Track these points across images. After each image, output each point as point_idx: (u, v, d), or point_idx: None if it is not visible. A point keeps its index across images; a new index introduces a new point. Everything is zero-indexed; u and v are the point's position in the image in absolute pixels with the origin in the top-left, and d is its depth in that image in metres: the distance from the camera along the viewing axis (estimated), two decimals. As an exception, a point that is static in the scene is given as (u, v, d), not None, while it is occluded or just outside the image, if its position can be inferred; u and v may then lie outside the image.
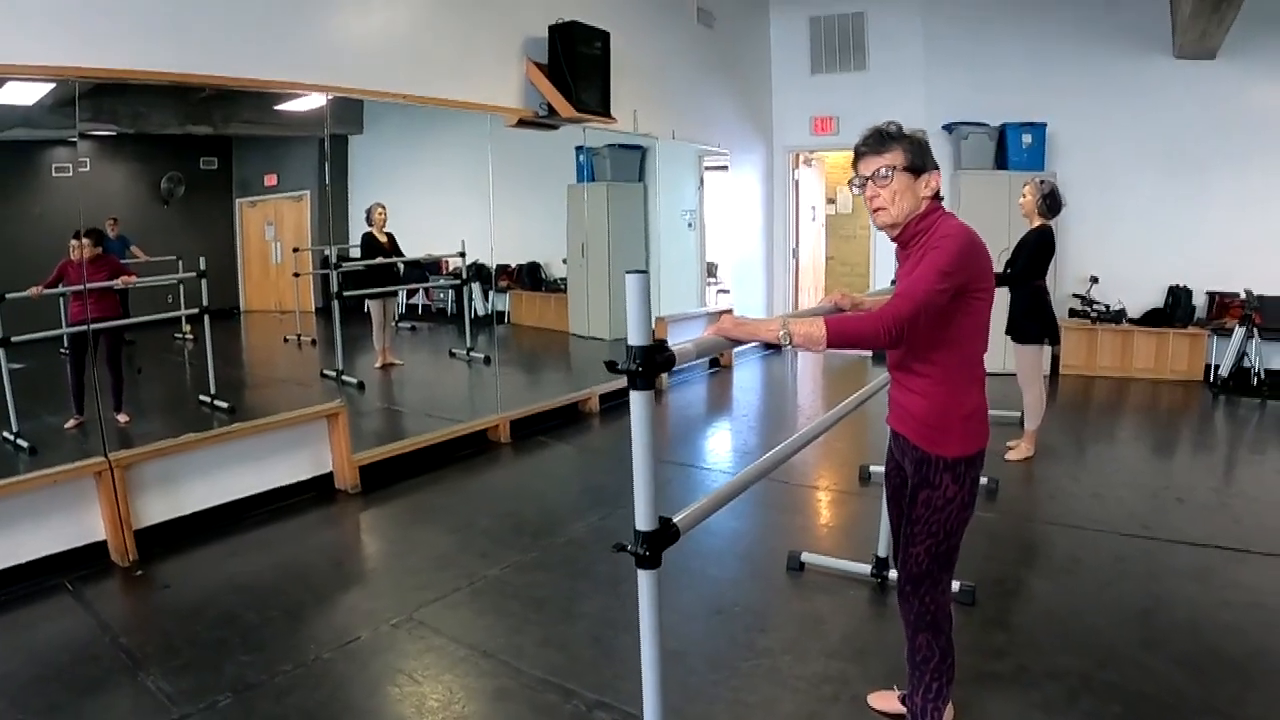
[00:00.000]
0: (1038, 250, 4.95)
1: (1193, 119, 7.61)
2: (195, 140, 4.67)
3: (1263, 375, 7.14)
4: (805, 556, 3.61)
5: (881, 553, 3.37)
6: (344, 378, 5.45)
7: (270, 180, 5.36)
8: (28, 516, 3.41)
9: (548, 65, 5.65)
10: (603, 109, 5.88)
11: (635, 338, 1.55)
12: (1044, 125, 7.79)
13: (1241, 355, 7.23)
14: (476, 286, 6.83)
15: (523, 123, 5.66)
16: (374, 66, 4.71)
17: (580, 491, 4.94)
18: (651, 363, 1.55)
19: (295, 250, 5.47)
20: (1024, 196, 5.05)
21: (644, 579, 1.65)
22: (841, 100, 8.86)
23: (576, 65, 5.58)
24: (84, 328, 3.85)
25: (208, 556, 3.78)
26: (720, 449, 5.90)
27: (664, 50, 7.22)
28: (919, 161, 2.06)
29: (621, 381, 5.83)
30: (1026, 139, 7.74)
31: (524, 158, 6.53)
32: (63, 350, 4.11)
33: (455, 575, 3.58)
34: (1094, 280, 7.78)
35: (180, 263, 4.52)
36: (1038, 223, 4.98)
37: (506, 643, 3.01)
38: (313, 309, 5.56)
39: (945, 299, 1.93)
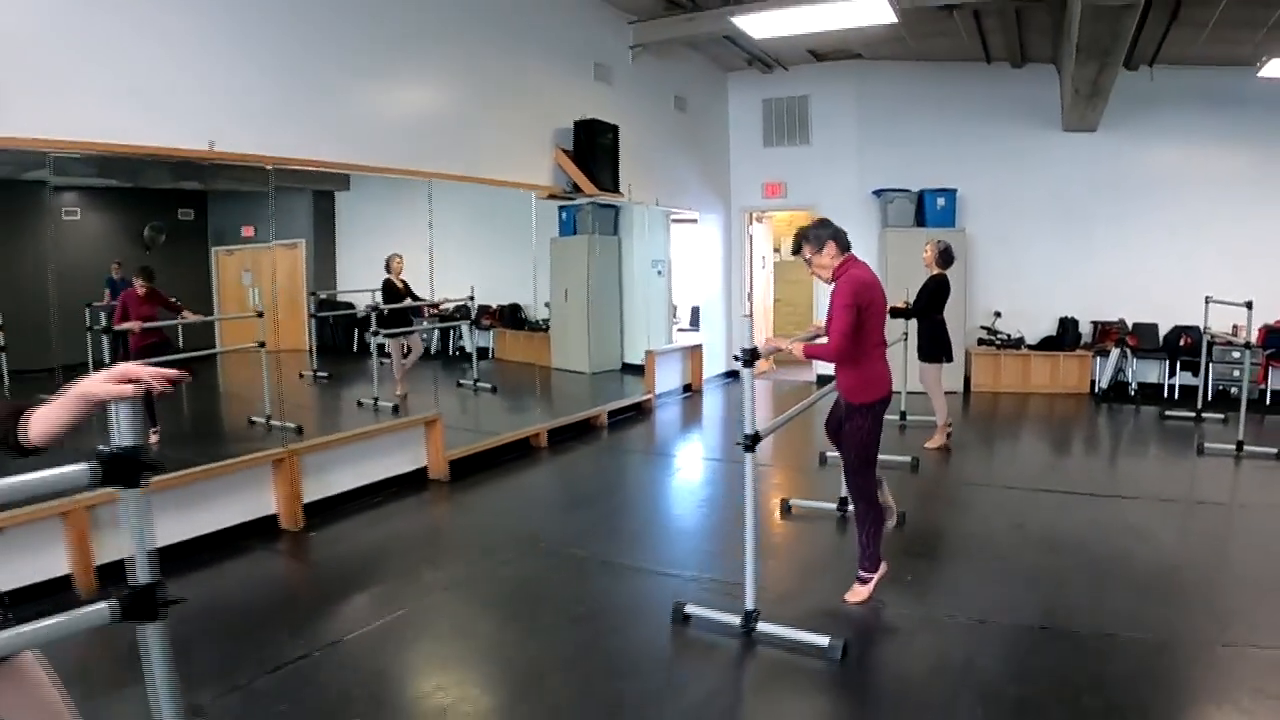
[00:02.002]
0: (935, 293, 6.54)
1: (1078, 181, 9.45)
2: (175, 193, 5.05)
3: (1136, 387, 8.89)
4: (793, 501, 5.11)
5: (844, 493, 4.88)
6: (379, 403, 6.38)
7: (248, 231, 5.55)
8: (220, 494, 4.59)
9: (573, 152, 7.17)
10: (614, 187, 7.42)
11: (744, 344, 3.11)
12: (954, 190, 9.53)
13: (1119, 371, 8.96)
14: (464, 325, 7.56)
15: (551, 197, 7.15)
16: (425, 150, 5.87)
17: (614, 472, 6.39)
18: (754, 354, 3.07)
19: (312, 294, 6.26)
20: (925, 252, 6.64)
21: (749, 459, 3.13)
22: (789, 169, 10.54)
23: (595, 152, 7.12)
24: (153, 356, 4.46)
25: (355, 524, 5.08)
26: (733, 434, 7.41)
27: (650, 133, 8.77)
28: (819, 246, 3.59)
29: (623, 400, 7.27)
30: (940, 201, 9.48)
31: (503, 213, 7.33)
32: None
33: (543, 524, 4.98)
34: (997, 314, 9.52)
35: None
36: (935, 271, 6.57)
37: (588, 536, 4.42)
38: (307, 349, 6.18)
39: (854, 316, 3.45)
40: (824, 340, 3.69)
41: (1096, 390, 9.20)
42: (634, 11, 8.14)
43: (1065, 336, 9.52)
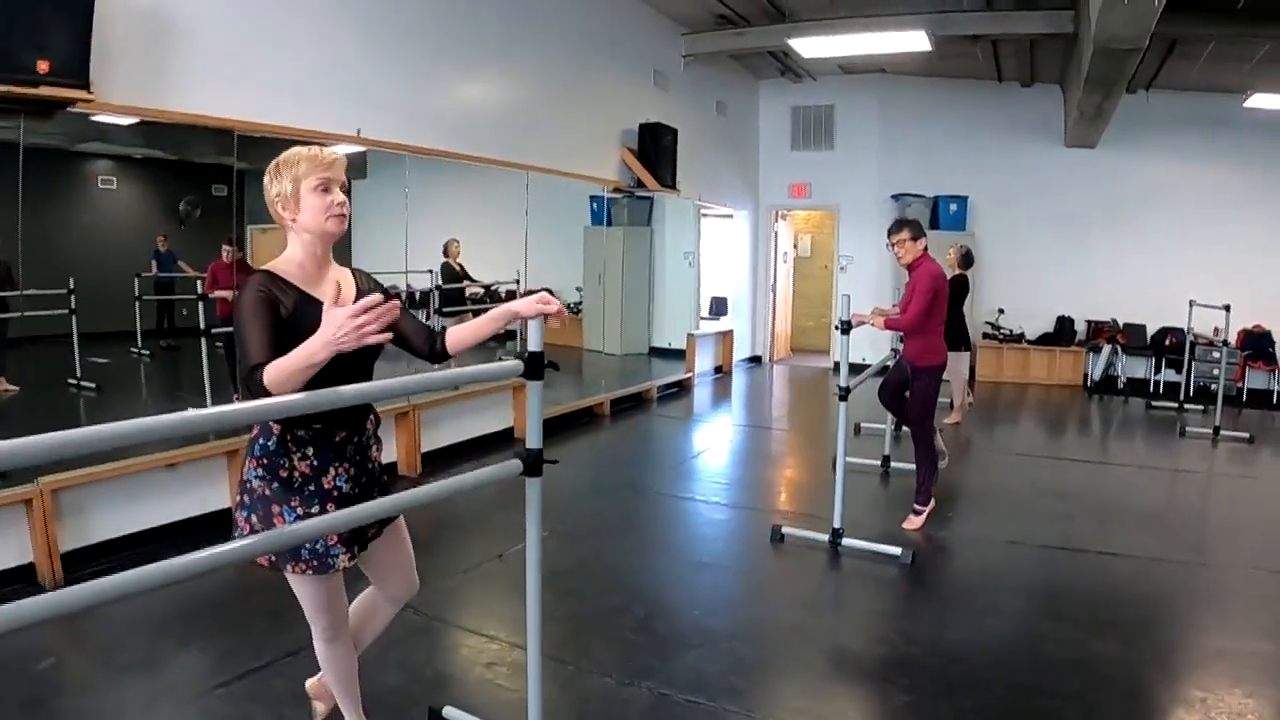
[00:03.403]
0: (957, 290, 7.44)
1: (1078, 192, 10.41)
2: (211, 168, 4.86)
3: (1125, 381, 9.89)
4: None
5: (887, 450, 5.80)
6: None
7: None
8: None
9: (638, 151, 8.05)
10: (672, 184, 8.31)
11: (842, 314, 3.97)
12: (967, 197, 10.48)
13: (1109, 366, 9.96)
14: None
15: (618, 190, 8.03)
16: (509, 142, 6.53)
17: (677, 434, 7.30)
18: (848, 325, 3.98)
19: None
20: (949, 254, 7.55)
21: (842, 407, 4.04)
22: (814, 172, 11.45)
23: (659, 153, 8.00)
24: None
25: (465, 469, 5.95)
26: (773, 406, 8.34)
27: (697, 135, 9.60)
28: (916, 236, 4.51)
29: (670, 377, 8.08)
30: (954, 207, 10.43)
31: (536, 203, 7.30)
32: (218, 343, 4.77)
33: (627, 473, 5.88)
34: (1001, 311, 10.50)
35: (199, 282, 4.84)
36: (958, 271, 7.47)
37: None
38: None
39: (930, 300, 4.37)
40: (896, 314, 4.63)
41: (1089, 383, 10.19)
42: (687, 24, 9.01)
43: (1062, 333, 10.49)
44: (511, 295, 7.68)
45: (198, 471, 4.27)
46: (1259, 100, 8.17)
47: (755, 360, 11.91)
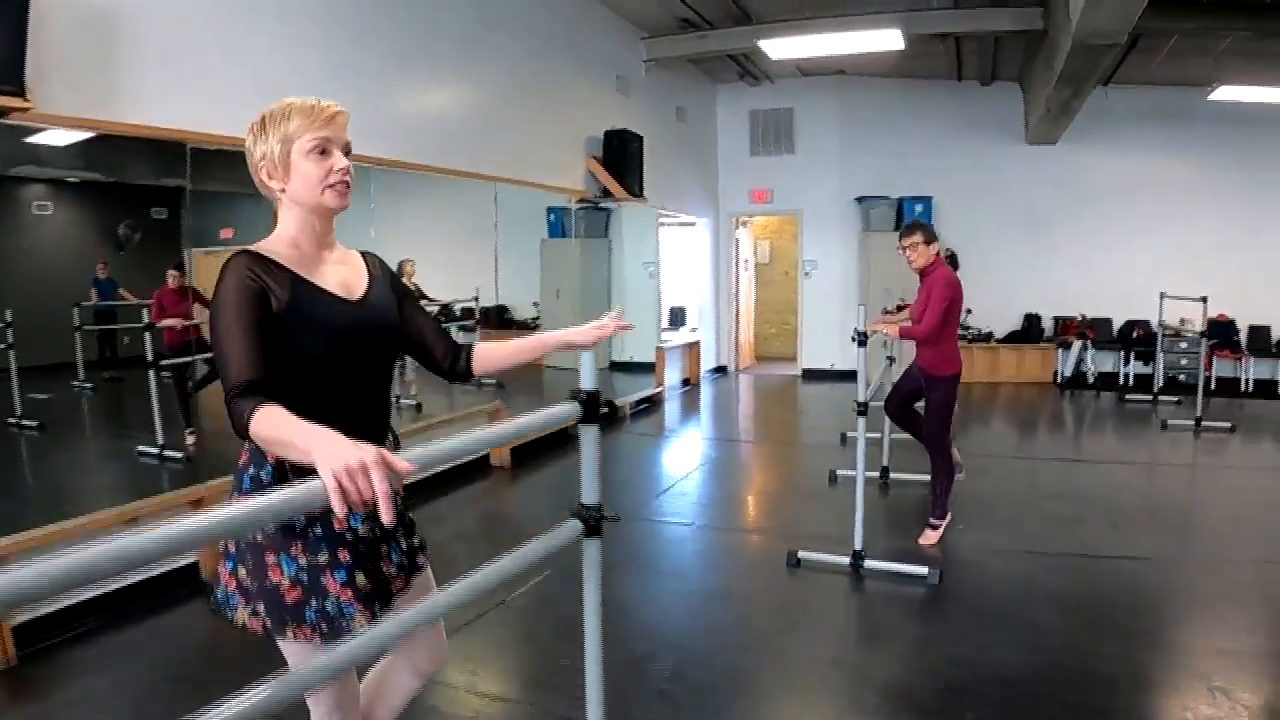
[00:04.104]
0: None
1: (1040, 189, 10.42)
2: (149, 190, 4.73)
3: (1096, 375, 9.89)
4: (840, 472, 5.81)
5: (886, 462, 5.58)
6: (402, 401, 6.45)
7: (227, 233, 5.47)
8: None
9: (603, 159, 7.76)
10: (640, 193, 8.04)
11: (858, 325, 3.73)
12: (931, 197, 10.41)
13: (1080, 361, 9.96)
14: (453, 327, 7.35)
15: (583, 201, 7.73)
16: (465, 150, 6.12)
17: (654, 454, 7.01)
18: (865, 338, 3.73)
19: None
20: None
21: (860, 423, 3.79)
22: (775, 176, 11.29)
23: (626, 160, 7.72)
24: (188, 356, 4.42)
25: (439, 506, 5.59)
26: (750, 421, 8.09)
27: (659, 142, 9.36)
28: (929, 240, 4.31)
29: (641, 391, 7.75)
30: (918, 208, 10.33)
31: (491, 216, 7.17)
32: (165, 373, 4.55)
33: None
34: (968, 311, 10.40)
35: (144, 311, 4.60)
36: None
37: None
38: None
39: (945, 308, 4.17)
40: (908, 323, 4.41)
41: (1059, 379, 10.17)
42: (648, 28, 8.77)
43: (1030, 331, 10.48)
44: (469, 313, 7.40)
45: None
46: (1225, 93, 8.21)
47: (720, 370, 11.69)
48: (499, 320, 8.59)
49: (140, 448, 4.53)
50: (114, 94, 3.60)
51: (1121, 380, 10.06)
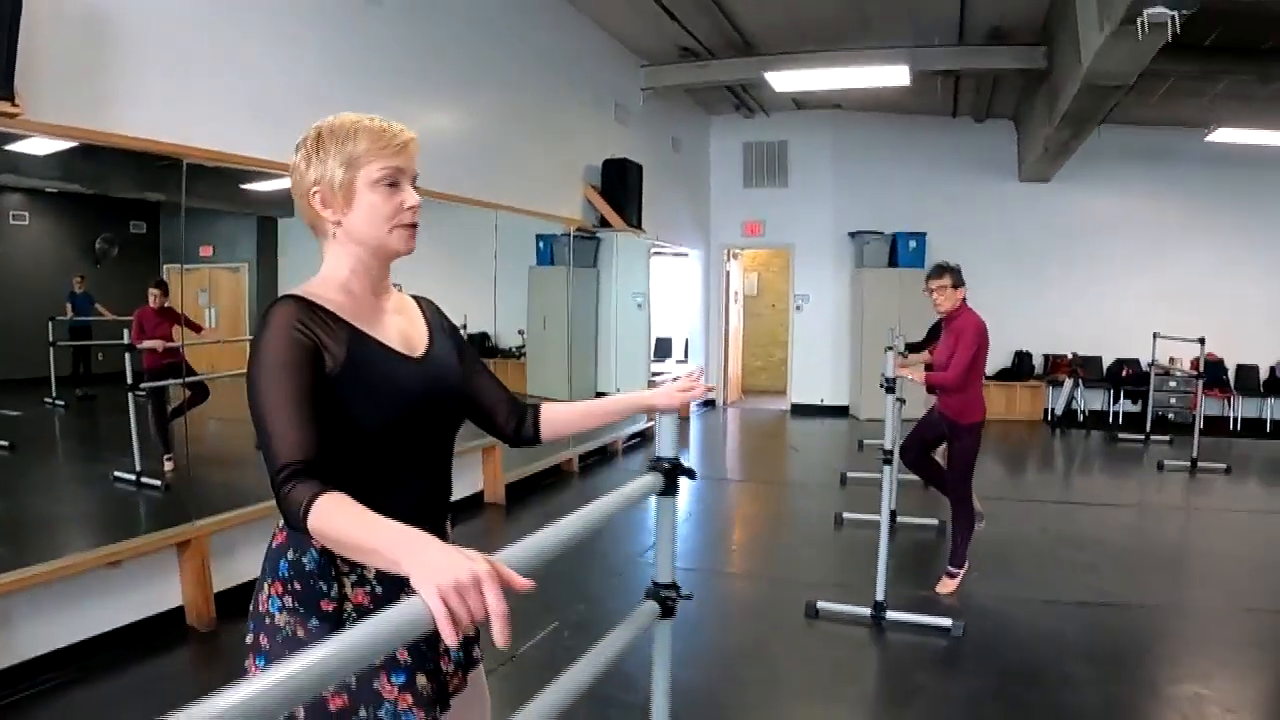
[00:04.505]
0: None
1: (1032, 227, 10.46)
2: (129, 204, 4.51)
3: (1086, 413, 9.88)
4: (846, 514, 5.66)
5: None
6: None
7: (205, 250, 5.31)
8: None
9: (601, 188, 7.63)
10: (638, 223, 7.92)
11: (888, 373, 3.59)
12: (925, 234, 10.39)
13: (1071, 400, 9.94)
14: None
15: (580, 230, 7.58)
16: (464, 177, 5.87)
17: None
18: (893, 384, 3.59)
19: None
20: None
21: (887, 471, 3.65)
22: (768, 209, 11.21)
23: (625, 190, 7.60)
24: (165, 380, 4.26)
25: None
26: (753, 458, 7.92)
27: (655, 172, 9.22)
28: (957, 283, 4.20)
29: (634, 426, 7.55)
30: (912, 244, 10.32)
31: (480, 243, 7.04)
32: (140, 394, 4.38)
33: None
34: (964, 347, 10.40)
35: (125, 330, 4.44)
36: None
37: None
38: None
39: (973, 355, 4.06)
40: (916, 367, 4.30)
41: (1049, 417, 10.14)
42: (647, 55, 8.69)
43: (1020, 368, 10.46)
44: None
45: (145, 567, 3.61)
46: (1223, 135, 8.27)
47: (709, 404, 11.54)
48: (481, 349, 8.44)
49: (116, 473, 4.26)
50: (104, 104, 3.41)
51: (1110, 419, 10.04)
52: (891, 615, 3.87)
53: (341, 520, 1.10)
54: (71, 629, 3.31)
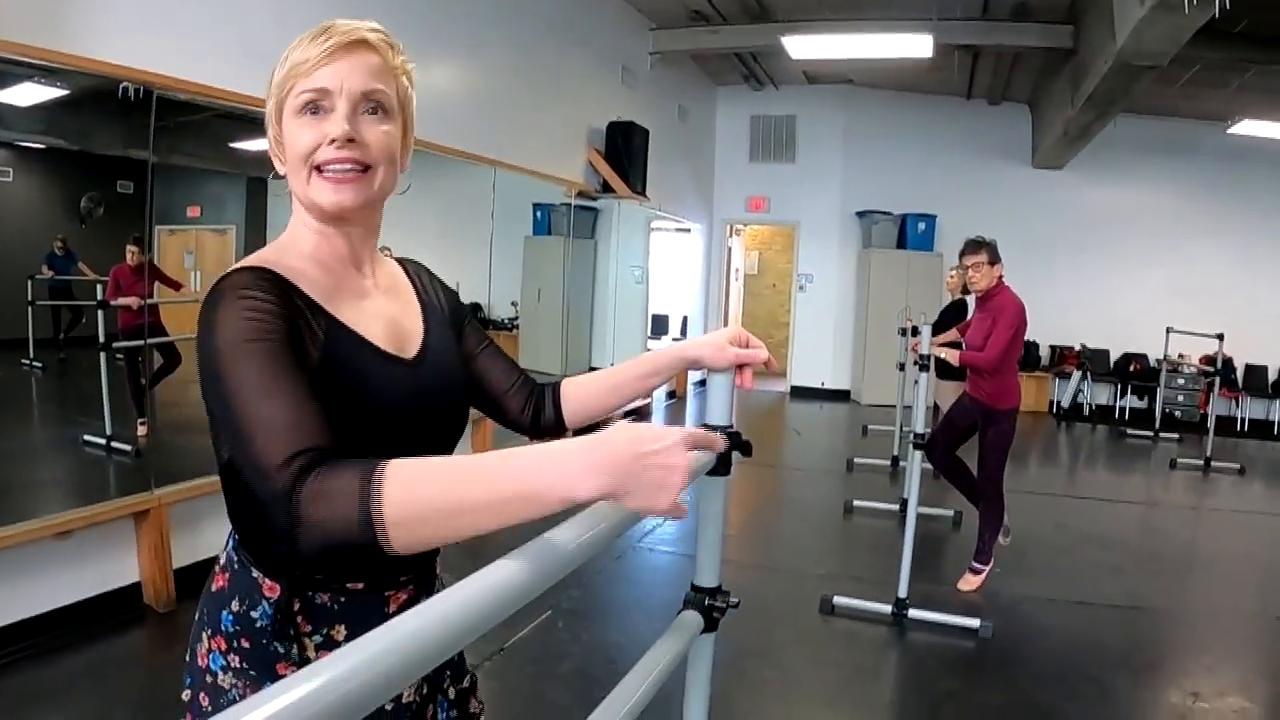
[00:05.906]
0: (958, 316, 6.95)
1: (1043, 215, 10.15)
2: (117, 162, 4.31)
3: (1093, 407, 9.64)
4: (856, 502, 5.39)
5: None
6: None
7: (193, 211, 5.21)
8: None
9: (605, 152, 7.28)
10: (642, 190, 7.57)
11: (924, 349, 3.31)
12: (935, 216, 10.09)
13: (1078, 393, 9.70)
14: None
15: (581, 194, 7.24)
16: (464, 131, 5.57)
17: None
18: (928, 361, 3.34)
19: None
20: (950, 278, 7.00)
21: (915, 456, 3.35)
22: (773, 185, 10.88)
23: (630, 155, 7.25)
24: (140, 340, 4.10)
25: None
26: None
27: (661, 140, 8.89)
28: (994, 260, 3.91)
29: (633, 404, 7.33)
30: (921, 226, 10.02)
31: (472, 207, 6.77)
32: (119, 356, 4.23)
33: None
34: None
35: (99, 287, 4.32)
36: (958, 297, 6.95)
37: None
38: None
39: (1011, 337, 3.77)
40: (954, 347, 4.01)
41: (1055, 410, 9.91)
42: (656, 18, 8.31)
43: (1027, 358, 10.19)
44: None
45: (97, 538, 3.28)
46: (1245, 128, 7.98)
47: (701, 384, 11.22)
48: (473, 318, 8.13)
49: (86, 436, 4.07)
50: (68, 22, 3.08)
51: (1117, 414, 9.82)
52: (914, 613, 3.61)
53: (443, 480, 0.76)
54: (18, 605, 2.98)
